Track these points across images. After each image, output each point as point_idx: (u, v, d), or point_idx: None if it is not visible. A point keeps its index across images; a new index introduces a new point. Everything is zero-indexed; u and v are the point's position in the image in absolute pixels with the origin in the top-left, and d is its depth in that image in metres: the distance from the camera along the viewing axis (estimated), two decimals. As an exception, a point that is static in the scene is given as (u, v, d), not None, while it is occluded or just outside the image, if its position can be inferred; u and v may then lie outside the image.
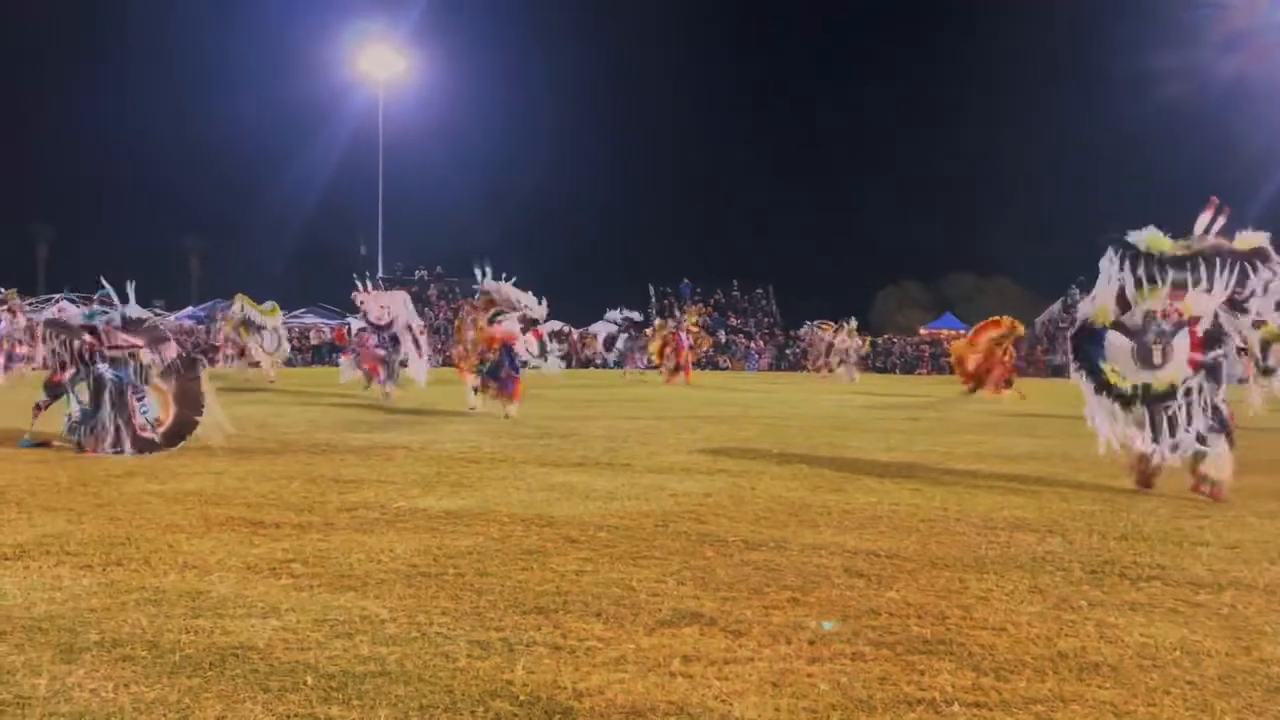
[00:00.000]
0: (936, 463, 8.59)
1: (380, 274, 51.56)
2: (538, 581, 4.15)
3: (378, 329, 16.23)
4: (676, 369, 26.43)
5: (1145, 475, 6.97)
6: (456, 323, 14.42)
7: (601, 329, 46.48)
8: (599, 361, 44.29)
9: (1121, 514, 6.00)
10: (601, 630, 3.50)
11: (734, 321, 49.81)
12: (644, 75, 61.74)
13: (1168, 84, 45.71)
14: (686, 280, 51.79)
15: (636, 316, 35.93)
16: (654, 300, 50.47)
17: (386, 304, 16.51)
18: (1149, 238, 7.07)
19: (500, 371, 12.85)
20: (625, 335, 33.11)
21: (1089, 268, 7.48)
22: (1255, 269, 6.75)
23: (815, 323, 36.94)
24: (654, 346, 27.63)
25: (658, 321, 28.30)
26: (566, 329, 49.05)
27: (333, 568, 4.37)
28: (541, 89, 60.37)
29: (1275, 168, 42.84)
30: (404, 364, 16.34)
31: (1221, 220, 6.94)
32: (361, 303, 16.64)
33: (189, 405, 8.56)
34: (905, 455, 9.18)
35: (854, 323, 31.00)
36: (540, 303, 13.35)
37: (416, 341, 16.34)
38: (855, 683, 3.02)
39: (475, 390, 13.32)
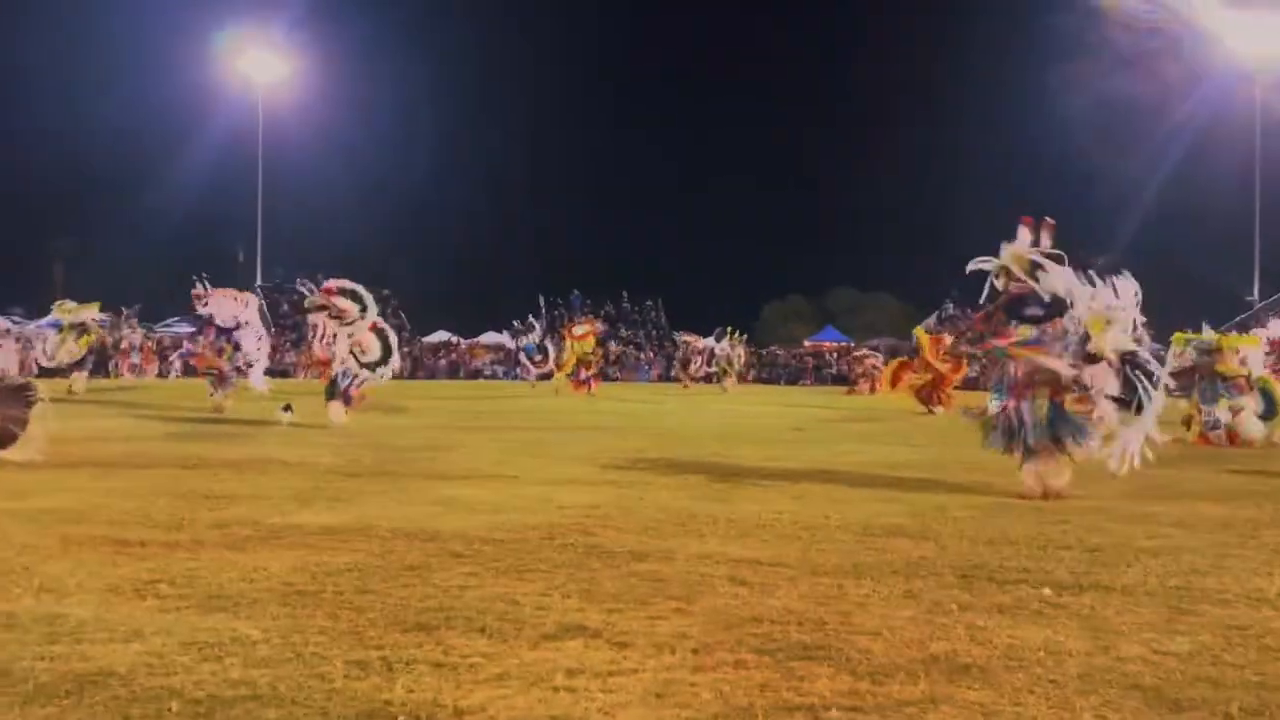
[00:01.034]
0: (819, 472, 8.79)
1: (259, 282, 49.90)
2: (420, 598, 4.07)
3: (221, 331, 15.57)
4: (582, 381, 26.35)
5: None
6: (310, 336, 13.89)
7: (492, 339, 46.02)
8: (488, 373, 43.88)
9: (991, 520, 6.26)
10: (485, 646, 3.45)
11: (624, 333, 50.08)
12: (535, 82, 61.50)
13: (1046, 102, 48.05)
14: (577, 291, 51.81)
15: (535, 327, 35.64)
16: (544, 311, 50.32)
17: (232, 305, 15.84)
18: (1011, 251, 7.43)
19: (339, 385, 12.62)
20: (530, 345, 32.77)
21: (960, 282, 7.83)
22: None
23: (681, 334, 37.45)
24: (568, 357, 27.27)
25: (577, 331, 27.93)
26: (454, 339, 48.48)
27: (202, 588, 4.19)
28: (426, 92, 59.20)
29: (1149, 183, 45.64)
30: (244, 371, 15.64)
31: (1046, 236, 7.31)
32: (205, 302, 15.88)
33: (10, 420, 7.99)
34: (789, 464, 9.36)
35: (732, 331, 30.79)
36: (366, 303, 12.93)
37: (260, 349, 15.75)
38: (737, 690, 3.05)
39: (288, 408, 12.84)
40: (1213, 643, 3.61)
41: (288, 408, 12.68)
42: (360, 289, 13.04)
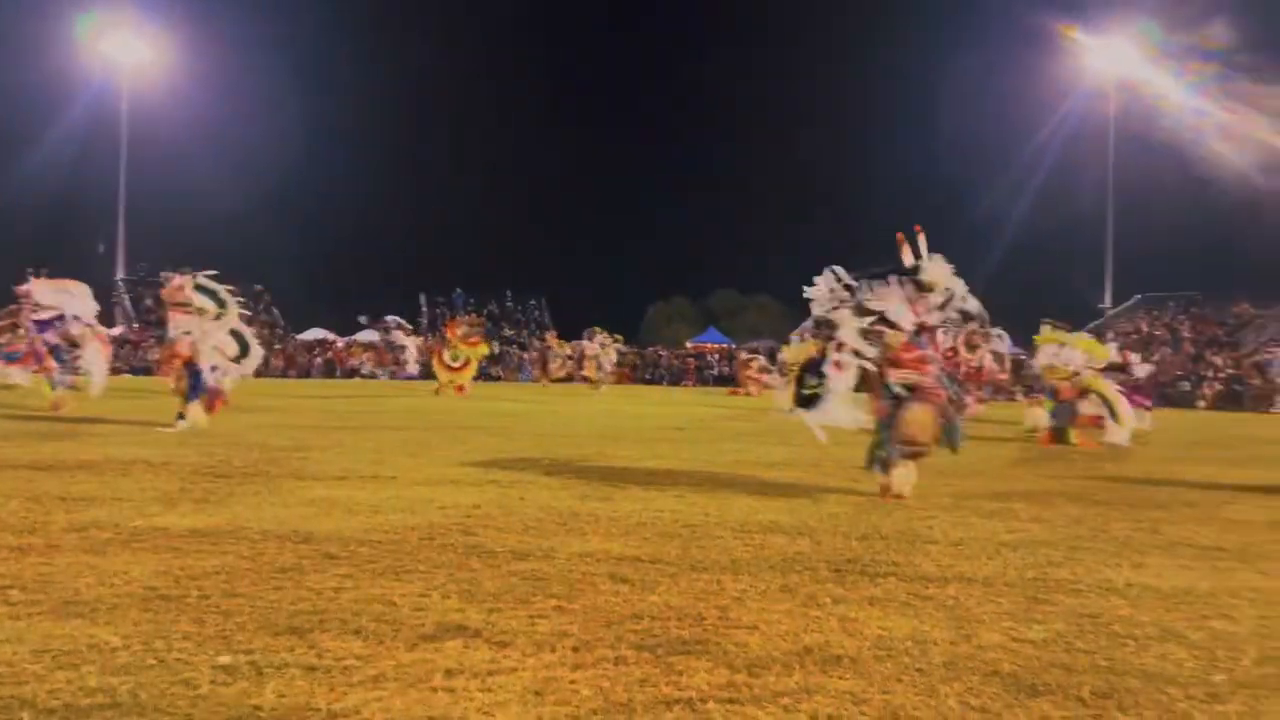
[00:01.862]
0: (701, 470, 8.92)
1: (121, 275, 47.56)
2: (291, 600, 3.96)
3: (43, 324, 14.64)
4: (451, 381, 26.02)
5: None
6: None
7: (368, 336, 44.96)
8: (365, 371, 42.87)
9: (863, 516, 6.47)
10: (360, 648, 3.38)
11: (507, 332, 49.68)
12: (417, 70, 60.27)
13: (925, 113, 50.08)
14: (459, 290, 51.15)
15: (404, 324, 34.98)
16: (424, 310, 49.51)
17: (60, 294, 14.88)
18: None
19: (199, 385, 12.06)
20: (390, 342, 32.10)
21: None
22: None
23: (547, 334, 37.43)
24: (448, 354, 26.68)
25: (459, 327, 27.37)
26: (330, 337, 47.17)
27: (57, 593, 3.97)
28: (297, 80, 57.39)
29: (1023, 193, 47.89)
30: (76, 368, 14.72)
31: (922, 240, 7.57)
32: (26, 292, 14.86)
33: None
34: (671, 463, 9.47)
35: (604, 330, 30.57)
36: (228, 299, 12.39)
37: (96, 343, 14.87)
38: (616, 686, 3.08)
39: (181, 417, 12.14)
40: (1066, 630, 3.83)
41: (181, 416, 11.94)
42: (218, 287, 12.41)
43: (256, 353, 12.87)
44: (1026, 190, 48.93)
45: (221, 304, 12.33)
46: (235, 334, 12.53)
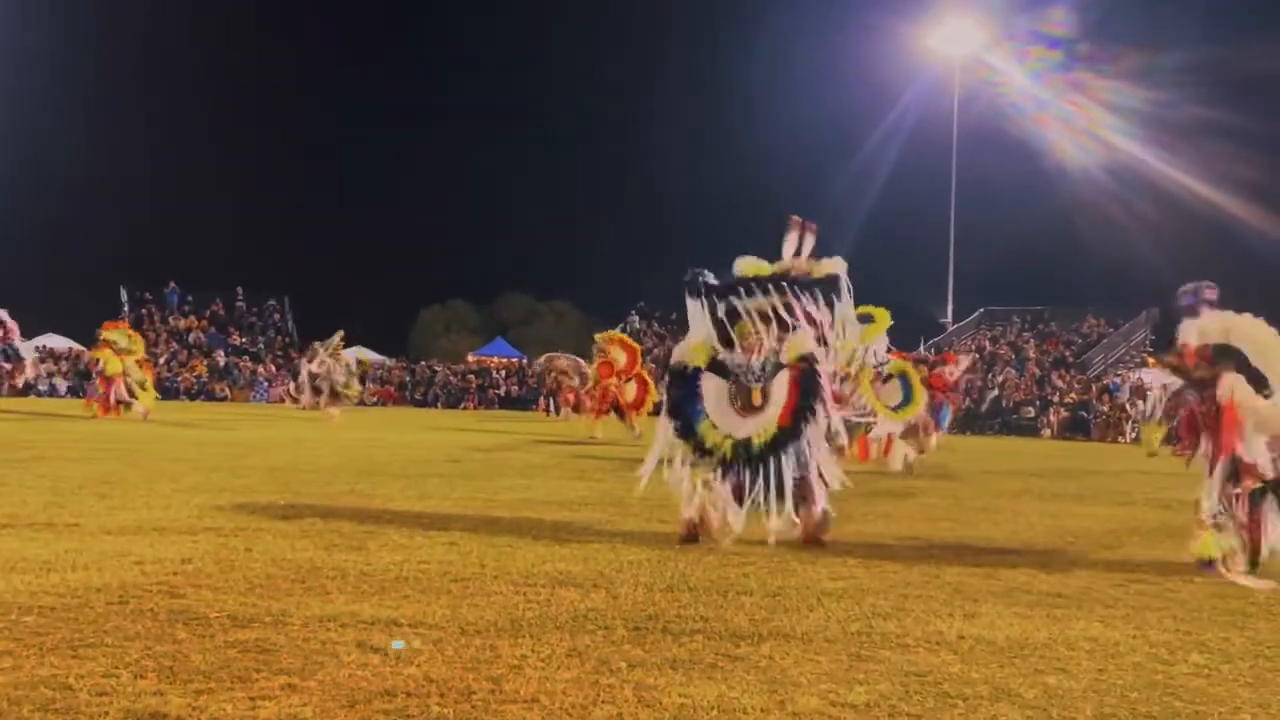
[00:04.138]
0: (478, 512, 8.86)
1: None
2: (-75, 689, 3.64)
3: None
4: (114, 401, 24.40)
5: (696, 531, 7.60)
6: None
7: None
8: (43, 388, 40.09)
9: (669, 563, 6.62)
10: (18, 747, 3.15)
11: (237, 340, 47.67)
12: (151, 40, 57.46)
13: (757, 111, 52.34)
14: (173, 284, 48.68)
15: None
16: (126, 307, 46.79)
17: None
18: (746, 264, 7.89)
19: None
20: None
21: (648, 295, 8.23)
22: (832, 300, 7.75)
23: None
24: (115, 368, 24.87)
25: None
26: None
27: None
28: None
29: (855, 203, 50.52)
30: None
31: (810, 239, 7.93)
32: None
33: None
34: (442, 504, 9.37)
35: (337, 339, 29.32)
36: None
37: None
38: (359, 781, 3.01)
39: None
40: (891, 692, 4.05)
41: None
42: None
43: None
44: (865, 191, 51.74)
45: None
46: None
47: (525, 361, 51.11)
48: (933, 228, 50.07)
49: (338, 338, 28.06)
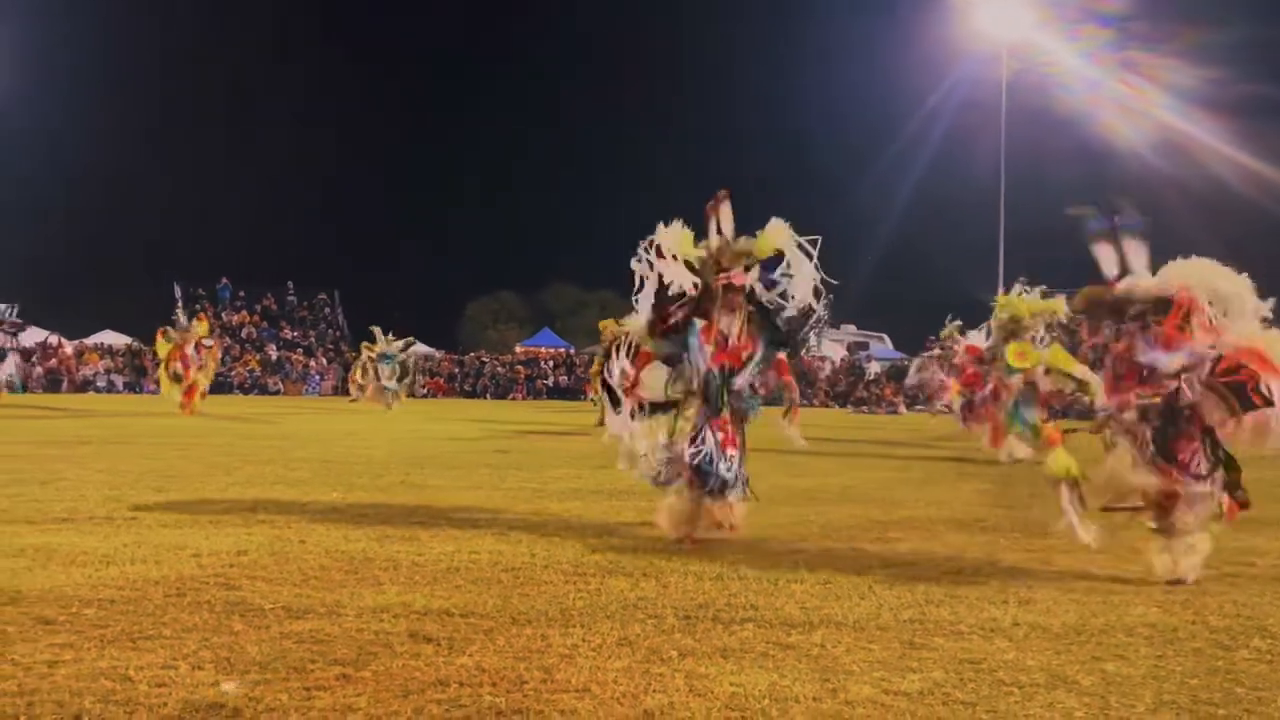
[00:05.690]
0: (528, 502, 8.90)
1: None
2: (-10, 680, 3.72)
3: None
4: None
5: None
6: None
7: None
8: (101, 384, 40.86)
9: (717, 552, 6.60)
10: (81, 738, 3.21)
11: (289, 334, 48.21)
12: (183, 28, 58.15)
13: (793, 96, 52.02)
14: (225, 280, 49.30)
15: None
16: (180, 303, 47.49)
17: None
18: (672, 235, 7.48)
19: None
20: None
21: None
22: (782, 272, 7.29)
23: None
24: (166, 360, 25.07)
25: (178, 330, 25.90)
26: (56, 339, 44.64)
27: None
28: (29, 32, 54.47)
29: (900, 186, 50.04)
30: None
31: (727, 212, 7.38)
32: None
33: None
34: (492, 495, 9.41)
35: (367, 345, 29.32)
36: None
37: None
38: (413, 771, 3.03)
39: None
40: (945, 679, 4.01)
41: None
42: None
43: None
44: (912, 172, 51.28)
45: None
46: None
47: (573, 352, 51.23)
48: (982, 209, 49.51)
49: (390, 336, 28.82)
